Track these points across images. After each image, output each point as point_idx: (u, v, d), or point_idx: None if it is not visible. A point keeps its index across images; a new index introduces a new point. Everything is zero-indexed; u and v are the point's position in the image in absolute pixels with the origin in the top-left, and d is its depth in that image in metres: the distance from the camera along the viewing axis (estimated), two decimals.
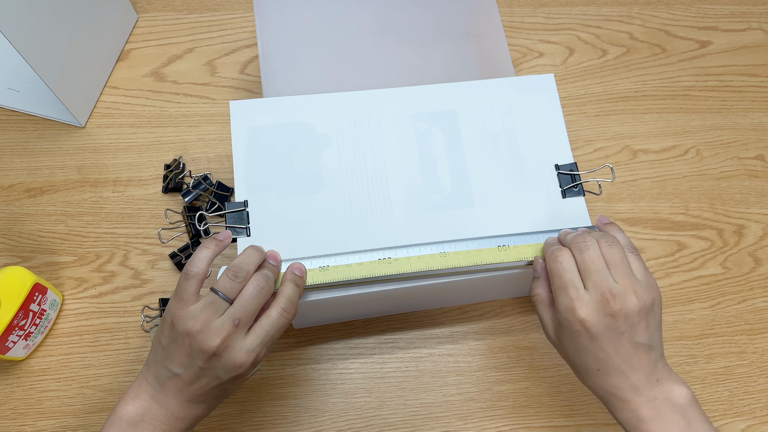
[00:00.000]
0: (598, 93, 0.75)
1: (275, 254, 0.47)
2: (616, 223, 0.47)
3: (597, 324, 0.41)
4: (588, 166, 0.70)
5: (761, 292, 0.65)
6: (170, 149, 0.68)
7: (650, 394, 0.41)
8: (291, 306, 0.44)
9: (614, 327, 0.41)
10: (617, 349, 0.41)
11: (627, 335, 0.41)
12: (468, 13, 0.64)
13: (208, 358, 0.41)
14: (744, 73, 0.77)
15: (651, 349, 0.42)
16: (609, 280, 0.42)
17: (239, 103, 0.54)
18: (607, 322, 0.41)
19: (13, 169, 0.66)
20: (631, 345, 0.42)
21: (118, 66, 0.72)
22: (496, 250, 0.48)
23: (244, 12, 0.76)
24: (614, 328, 0.41)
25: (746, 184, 0.71)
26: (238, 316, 0.42)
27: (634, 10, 0.80)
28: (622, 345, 0.41)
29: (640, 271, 0.43)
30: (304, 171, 0.52)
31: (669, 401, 0.41)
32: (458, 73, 0.61)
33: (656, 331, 0.43)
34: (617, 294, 0.41)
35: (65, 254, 0.62)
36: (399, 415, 0.57)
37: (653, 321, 0.43)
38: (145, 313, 0.60)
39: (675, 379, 0.42)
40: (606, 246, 0.43)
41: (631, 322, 0.41)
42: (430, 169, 0.53)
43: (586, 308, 0.41)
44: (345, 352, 0.60)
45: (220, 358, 0.41)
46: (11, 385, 0.57)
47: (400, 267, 0.47)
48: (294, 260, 0.47)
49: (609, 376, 0.42)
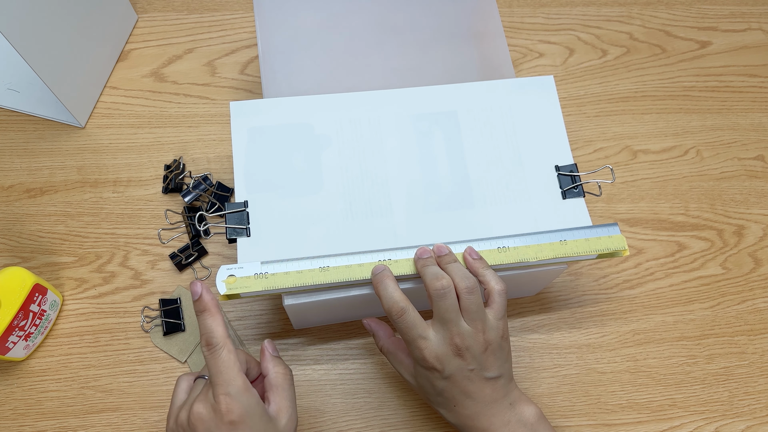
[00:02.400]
0: (598, 93, 0.75)
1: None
2: (483, 259, 0.47)
3: (448, 365, 0.44)
4: (588, 166, 0.70)
5: (761, 292, 0.65)
6: (170, 149, 0.68)
7: (504, 418, 0.45)
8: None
9: (463, 365, 0.44)
10: (469, 385, 0.45)
11: (476, 371, 0.45)
12: (468, 13, 0.63)
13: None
14: (744, 74, 0.77)
15: (501, 378, 0.46)
16: (460, 323, 0.44)
17: (239, 104, 0.54)
18: (456, 362, 0.44)
19: (13, 169, 0.66)
20: (481, 380, 0.45)
21: (118, 66, 0.72)
22: (496, 252, 0.48)
23: (244, 12, 0.76)
24: (463, 366, 0.44)
25: (746, 185, 0.71)
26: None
27: (634, 11, 0.80)
28: (473, 381, 0.45)
29: (497, 311, 0.46)
30: (304, 171, 0.52)
31: (521, 422, 0.45)
32: (458, 73, 0.61)
33: (506, 362, 0.46)
34: (465, 335, 0.44)
35: (65, 255, 0.62)
36: (399, 415, 0.57)
37: (501, 354, 0.46)
38: (145, 314, 0.60)
39: (524, 400, 0.47)
40: (465, 294, 0.45)
41: (478, 359, 0.45)
42: (430, 169, 0.53)
43: (436, 353, 0.44)
44: (345, 352, 0.60)
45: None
46: (11, 385, 0.57)
47: (400, 268, 0.47)
48: (294, 260, 0.47)
49: (465, 409, 0.46)
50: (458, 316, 0.44)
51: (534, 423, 0.46)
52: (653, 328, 0.62)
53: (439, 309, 0.44)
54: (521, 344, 0.61)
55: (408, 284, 0.49)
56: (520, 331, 0.61)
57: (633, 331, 0.62)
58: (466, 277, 0.45)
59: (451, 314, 0.44)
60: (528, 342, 0.61)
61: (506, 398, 0.46)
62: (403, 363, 0.49)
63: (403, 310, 0.44)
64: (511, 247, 0.49)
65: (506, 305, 0.46)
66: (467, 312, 0.45)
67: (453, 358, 0.44)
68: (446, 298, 0.44)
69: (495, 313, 0.45)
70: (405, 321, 0.44)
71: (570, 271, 0.65)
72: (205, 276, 0.62)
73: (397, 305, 0.44)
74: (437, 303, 0.44)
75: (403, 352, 0.49)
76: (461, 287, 0.45)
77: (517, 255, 0.49)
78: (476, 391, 0.45)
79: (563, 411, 0.58)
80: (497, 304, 0.46)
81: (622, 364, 0.61)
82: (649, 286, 0.64)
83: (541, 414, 0.47)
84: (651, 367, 0.61)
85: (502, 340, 0.46)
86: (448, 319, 0.44)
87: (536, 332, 0.61)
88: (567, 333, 0.62)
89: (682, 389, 0.60)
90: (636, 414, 0.59)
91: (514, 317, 0.62)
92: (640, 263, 0.65)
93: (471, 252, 0.48)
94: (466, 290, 0.44)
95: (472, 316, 0.45)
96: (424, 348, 0.44)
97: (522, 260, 0.48)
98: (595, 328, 0.62)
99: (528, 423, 0.46)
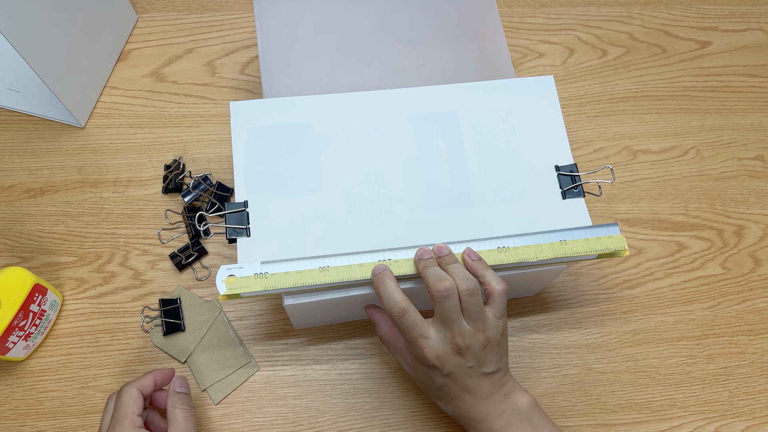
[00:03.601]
0: (598, 93, 0.75)
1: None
2: (483, 260, 0.48)
3: (448, 363, 0.45)
4: (588, 166, 0.70)
5: (761, 292, 0.65)
6: (170, 149, 0.68)
7: (500, 408, 0.47)
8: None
9: (462, 363, 0.45)
10: (468, 381, 0.46)
11: (475, 368, 0.46)
12: (468, 13, 0.63)
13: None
14: (744, 74, 0.77)
15: (498, 372, 0.47)
16: (461, 323, 0.45)
17: (239, 104, 0.53)
18: (456, 361, 0.45)
19: (13, 169, 0.66)
20: (479, 375, 0.46)
21: (118, 66, 0.72)
22: (496, 252, 0.48)
23: (244, 12, 0.76)
24: (462, 363, 0.45)
25: (746, 185, 0.71)
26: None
27: (634, 11, 0.80)
28: (472, 377, 0.46)
29: (497, 311, 0.46)
30: (304, 171, 0.52)
31: (516, 411, 0.47)
32: (458, 73, 0.61)
33: (503, 357, 0.47)
34: (466, 334, 0.45)
35: (65, 255, 0.62)
36: (399, 415, 0.57)
37: (500, 350, 0.47)
38: (145, 314, 0.60)
39: (519, 390, 0.48)
40: (466, 296, 0.45)
41: (477, 356, 0.45)
42: (430, 169, 0.53)
43: (437, 352, 0.45)
44: (345, 352, 0.60)
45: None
46: (11, 385, 0.57)
47: (400, 268, 0.47)
48: (294, 260, 0.47)
49: (463, 402, 0.47)
50: (460, 317, 0.45)
51: (527, 411, 0.47)
52: (653, 328, 0.62)
53: (441, 310, 0.45)
54: (521, 344, 0.61)
55: (408, 284, 0.49)
56: (520, 331, 0.61)
57: (633, 331, 0.62)
58: (467, 279, 0.45)
59: (453, 315, 0.45)
60: (528, 342, 0.61)
61: (502, 390, 0.47)
62: (402, 354, 0.50)
63: (404, 311, 0.45)
64: (511, 247, 0.49)
65: (506, 304, 0.47)
66: (468, 313, 0.45)
67: (453, 357, 0.45)
68: (449, 300, 0.44)
69: (495, 312, 0.46)
70: (406, 321, 0.45)
71: (570, 271, 0.65)
72: (205, 276, 0.62)
73: (398, 306, 0.45)
74: (440, 304, 0.45)
75: (403, 344, 0.50)
76: (462, 289, 0.45)
77: (517, 255, 0.49)
78: (474, 385, 0.46)
79: (563, 411, 0.58)
80: (498, 304, 0.46)
81: (622, 364, 0.61)
82: (649, 286, 0.64)
83: (534, 402, 0.48)
84: (651, 367, 0.61)
85: (501, 338, 0.47)
86: (449, 320, 0.45)
87: (536, 332, 0.61)
88: (567, 333, 0.62)
89: (682, 389, 0.60)
90: (636, 414, 0.59)
91: (514, 317, 0.62)
92: (640, 263, 0.65)
93: (470, 253, 0.48)
94: (467, 292, 0.45)
95: (473, 317, 0.45)
96: (425, 347, 0.45)
97: (522, 260, 0.48)
98: (595, 328, 0.62)
99: (522, 411, 0.47)
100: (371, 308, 0.52)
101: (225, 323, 0.60)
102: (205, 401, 0.57)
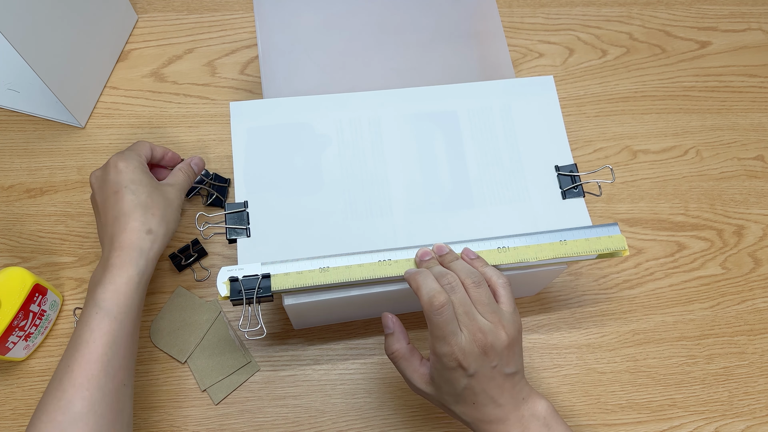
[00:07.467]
0: (598, 93, 0.75)
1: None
2: (481, 258, 0.48)
3: (473, 363, 0.44)
4: (588, 166, 0.70)
5: (761, 292, 0.65)
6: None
7: (518, 413, 0.45)
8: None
9: (487, 363, 0.44)
10: (490, 383, 0.44)
11: (498, 368, 0.44)
12: (468, 13, 0.63)
13: None
14: (744, 74, 0.77)
15: (517, 374, 0.46)
16: (478, 318, 0.44)
17: (239, 104, 0.54)
18: (481, 360, 0.44)
19: (13, 169, 0.66)
20: (502, 376, 0.45)
21: (118, 66, 0.72)
22: (496, 252, 0.48)
23: (244, 12, 0.76)
24: (487, 363, 0.44)
25: (746, 185, 0.71)
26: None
27: (634, 11, 0.80)
28: (495, 378, 0.44)
29: (507, 303, 0.46)
30: (304, 172, 0.52)
31: (534, 416, 0.46)
32: (458, 73, 0.61)
33: (520, 357, 0.46)
34: (487, 331, 0.44)
35: (65, 255, 0.62)
36: (399, 415, 0.57)
37: (518, 350, 0.46)
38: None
39: (536, 394, 0.47)
40: (473, 288, 0.45)
41: (501, 355, 0.44)
42: (430, 170, 0.53)
43: (464, 350, 0.43)
44: (345, 352, 0.60)
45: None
46: (11, 385, 0.57)
47: (400, 268, 0.47)
48: (294, 261, 0.47)
49: (484, 406, 0.45)
50: (473, 310, 0.44)
51: (546, 416, 0.46)
52: (653, 328, 0.63)
53: (453, 305, 0.44)
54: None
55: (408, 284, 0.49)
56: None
57: (633, 331, 0.62)
58: (471, 272, 0.45)
59: (466, 307, 0.44)
60: (528, 342, 0.61)
61: (520, 393, 0.46)
62: (417, 371, 0.47)
63: (445, 302, 0.43)
64: (511, 247, 0.49)
65: (513, 296, 0.46)
66: (480, 304, 0.44)
67: (479, 356, 0.44)
68: (456, 292, 0.44)
69: (507, 306, 0.45)
70: (444, 313, 0.43)
71: (570, 271, 0.65)
72: (204, 277, 0.62)
73: (441, 296, 0.43)
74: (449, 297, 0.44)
75: (418, 359, 0.47)
76: (467, 283, 0.45)
77: (517, 255, 0.49)
78: (496, 387, 0.45)
79: (563, 411, 0.58)
80: (504, 296, 0.46)
81: (622, 364, 0.61)
82: (648, 286, 0.64)
83: (552, 408, 0.47)
84: (651, 367, 0.61)
85: (518, 334, 0.46)
86: (463, 313, 0.44)
87: (536, 332, 0.61)
88: (567, 333, 0.62)
89: (682, 389, 0.60)
90: (636, 414, 0.59)
91: None
92: (639, 263, 0.66)
93: (468, 253, 0.48)
94: (474, 284, 0.44)
95: (485, 309, 0.44)
96: (455, 344, 0.43)
97: (522, 260, 0.49)
98: (595, 328, 0.62)
99: (540, 417, 0.46)
100: (393, 318, 0.48)
101: (225, 323, 0.60)
102: (205, 401, 0.57)
